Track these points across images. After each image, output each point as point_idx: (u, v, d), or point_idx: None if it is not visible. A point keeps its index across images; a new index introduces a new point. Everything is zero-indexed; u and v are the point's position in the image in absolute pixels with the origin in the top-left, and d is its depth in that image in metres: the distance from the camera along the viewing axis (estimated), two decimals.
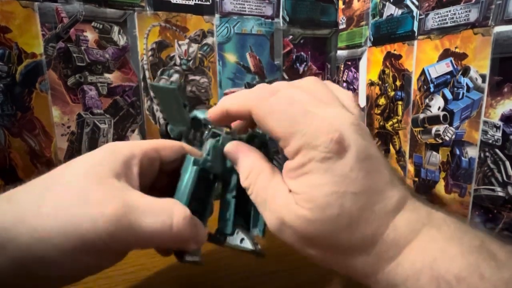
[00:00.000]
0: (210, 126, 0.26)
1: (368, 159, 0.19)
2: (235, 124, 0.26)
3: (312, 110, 0.19)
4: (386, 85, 0.52)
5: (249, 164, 0.22)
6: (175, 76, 0.26)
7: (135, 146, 0.23)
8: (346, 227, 0.18)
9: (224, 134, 0.25)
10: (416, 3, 0.45)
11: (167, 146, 0.25)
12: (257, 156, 0.23)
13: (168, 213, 0.20)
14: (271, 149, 0.27)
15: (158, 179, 0.25)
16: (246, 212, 0.26)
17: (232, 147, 0.24)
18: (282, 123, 0.19)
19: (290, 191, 0.20)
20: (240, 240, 0.25)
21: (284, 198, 0.20)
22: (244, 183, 0.22)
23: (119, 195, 0.19)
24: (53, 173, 0.20)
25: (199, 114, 0.26)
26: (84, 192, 0.18)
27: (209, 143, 0.24)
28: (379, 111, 0.55)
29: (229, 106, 0.22)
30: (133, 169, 0.22)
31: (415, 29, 0.46)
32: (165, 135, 0.28)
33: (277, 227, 0.20)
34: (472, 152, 0.39)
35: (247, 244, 0.25)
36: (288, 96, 0.20)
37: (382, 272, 0.19)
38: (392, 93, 0.51)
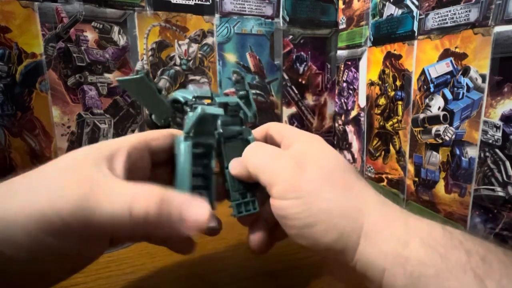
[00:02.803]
0: (191, 101, 0.26)
1: None
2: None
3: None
4: (386, 85, 0.52)
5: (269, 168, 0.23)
6: (139, 65, 0.25)
7: (123, 140, 0.23)
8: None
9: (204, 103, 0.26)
10: (416, 3, 0.45)
11: (156, 135, 0.25)
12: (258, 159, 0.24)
13: (127, 197, 0.18)
14: (246, 112, 0.27)
15: (158, 172, 0.25)
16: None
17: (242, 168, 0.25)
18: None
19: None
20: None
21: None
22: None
23: (86, 179, 0.18)
24: (38, 168, 0.20)
25: (178, 94, 0.26)
26: (54, 179, 0.19)
27: (190, 114, 0.24)
28: (379, 111, 0.55)
29: None
30: (118, 160, 0.21)
31: (415, 29, 0.46)
32: (153, 126, 0.27)
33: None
34: (472, 152, 0.39)
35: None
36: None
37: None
38: (392, 93, 0.51)
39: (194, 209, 0.19)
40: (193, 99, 0.27)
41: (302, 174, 0.22)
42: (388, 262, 0.19)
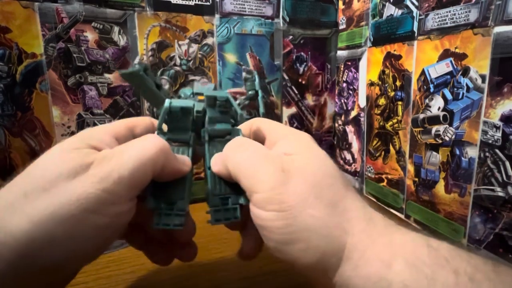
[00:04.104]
0: (186, 97, 0.26)
1: None
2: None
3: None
4: (386, 85, 0.52)
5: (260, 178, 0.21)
6: (137, 58, 0.26)
7: (108, 126, 0.24)
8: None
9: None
10: (416, 3, 0.45)
11: (138, 122, 0.25)
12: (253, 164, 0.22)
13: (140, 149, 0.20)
14: (236, 109, 0.26)
15: None
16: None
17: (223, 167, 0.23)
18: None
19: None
20: None
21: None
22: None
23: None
24: (34, 165, 0.21)
25: (180, 91, 0.26)
26: (60, 182, 0.19)
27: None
28: (379, 111, 0.55)
29: None
30: (109, 145, 0.22)
31: (415, 29, 0.46)
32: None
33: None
34: (472, 152, 0.39)
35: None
36: None
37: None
38: (392, 93, 0.51)
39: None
40: (191, 95, 0.27)
41: (287, 183, 0.19)
42: (369, 286, 0.18)
